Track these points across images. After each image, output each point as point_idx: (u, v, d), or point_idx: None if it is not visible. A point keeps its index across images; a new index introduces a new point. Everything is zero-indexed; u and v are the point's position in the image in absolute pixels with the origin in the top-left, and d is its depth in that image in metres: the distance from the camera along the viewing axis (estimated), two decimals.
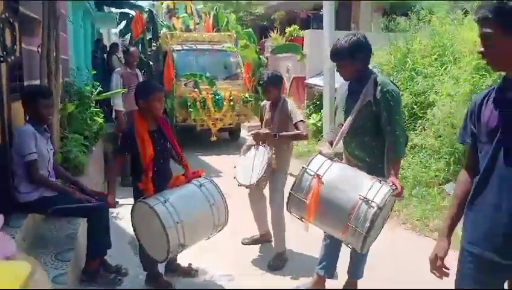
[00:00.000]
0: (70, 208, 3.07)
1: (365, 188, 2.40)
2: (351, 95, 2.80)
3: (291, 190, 2.59)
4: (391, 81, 2.78)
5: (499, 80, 5.26)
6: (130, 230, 4.36)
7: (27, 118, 3.27)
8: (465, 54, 5.77)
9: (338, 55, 2.75)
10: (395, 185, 2.49)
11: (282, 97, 3.79)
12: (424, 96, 5.69)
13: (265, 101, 3.92)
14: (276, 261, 3.68)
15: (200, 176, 3.18)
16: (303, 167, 2.59)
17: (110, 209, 3.46)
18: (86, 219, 3.17)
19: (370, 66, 2.84)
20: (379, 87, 2.66)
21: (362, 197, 2.36)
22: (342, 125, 2.78)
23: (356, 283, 3.14)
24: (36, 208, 3.07)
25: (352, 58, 2.69)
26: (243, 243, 4.11)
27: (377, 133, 2.71)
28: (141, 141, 2.96)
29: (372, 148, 2.75)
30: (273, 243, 3.92)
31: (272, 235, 3.87)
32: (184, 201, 2.91)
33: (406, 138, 2.68)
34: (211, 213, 2.96)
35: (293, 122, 3.58)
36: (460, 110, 5.07)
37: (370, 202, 2.34)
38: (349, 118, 2.73)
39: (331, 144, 2.88)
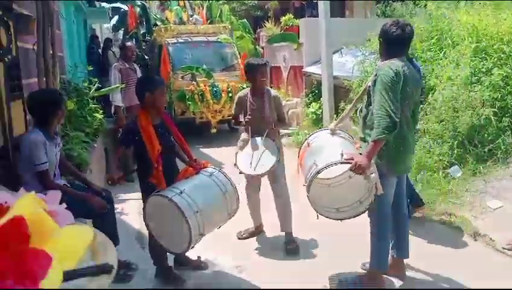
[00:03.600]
0: (76, 208, 3.03)
1: (324, 156, 2.89)
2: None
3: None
4: (391, 68, 2.72)
5: (499, 62, 5.23)
6: (136, 225, 4.40)
7: (32, 123, 3.20)
8: (463, 38, 5.75)
9: None
10: (352, 159, 2.68)
11: None
12: (424, 81, 5.66)
13: (245, 90, 3.94)
14: (292, 244, 3.76)
15: (206, 167, 3.21)
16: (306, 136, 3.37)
17: (115, 205, 3.46)
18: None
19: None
20: (375, 73, 2.81)
21: (314, 162, 2.85)
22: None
23: (375, 273, 3.10)
24: None
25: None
26: (239, 238, 4.08)
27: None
28: (147, 135, 2.96)
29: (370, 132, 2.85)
30: (266, 234, 4.08)
31: (279, 219, 3.90)
32: (199, 191, 2.94)
33: (389, 124, 2.61)
34: (225, 201, 3.02)
35: (280, 112, 3.85)
36: (462, 93, 5.07)
37: (316, 166, 2.81)
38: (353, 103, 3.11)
39: None
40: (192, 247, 2.88)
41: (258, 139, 3.72)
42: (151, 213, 2.96)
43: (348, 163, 2.69)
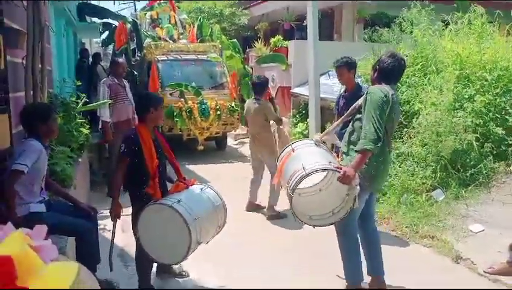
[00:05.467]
0: (59, 226, 3.00)
1: (312, 161, 2.94)
2: None
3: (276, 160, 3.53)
4: (381, 90, 2.95)
5: (481, 89, 5.41)
6: (118, 242, 4.32)
7: (26, 135, 3.16)
8: (447, 65, 5.91)
9: None
10: (340, 168, 2.85)
11: None
12: (409, 105, 5.80)
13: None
14: (271, 211, 5.02)
15: (193, 184, 3.34)
16: (289, 144, 3.39)
17: (98, 221, 3.45)
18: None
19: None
20: (366, 93, 3.05)
21: (302, 166, 2.87)
22: None
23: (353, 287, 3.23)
24: (24, 225, 2.97)
25: None
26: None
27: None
28: (148, 147, 3.10)
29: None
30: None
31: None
32: (194, 201, 3.07)
33: (374, 137, 2.82)
34: (215, 214, 3.17)
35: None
36: (445, 119, 5.19)
37: (305, 168, 2.83)
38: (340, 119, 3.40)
39: None
40: (187, 257, 2.94)
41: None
42: (144, 224, 2.99)
43: (337, 171, 2.84)
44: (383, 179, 3.24)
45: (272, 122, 5.15)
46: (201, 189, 3.26)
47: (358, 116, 3.12)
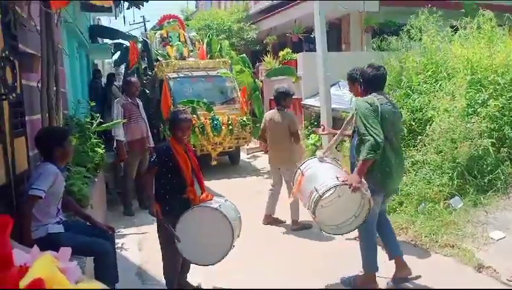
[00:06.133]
0: (77, 246, 3.03)
1: (320, 181, 3.24)
2: None
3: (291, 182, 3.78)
4: (366, 101, 3.31)
5: (494, 94, 5.41)
6: (136, 260, 4.36)
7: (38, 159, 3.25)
8: (458, 70, 5.87)
9: None
10: (346, 180, 3.17)
11: None
12: (421, 113, 5.76)
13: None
14: (296, 225, 5.00)
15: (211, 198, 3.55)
16: (298, 166, 3.73)
17: (115, 240, 3.49)
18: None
19: None
20: (354, 108, 3.45)
21: (314, 188, 3.19)
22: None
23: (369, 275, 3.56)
24: (43, 246, 3.00)
25: None
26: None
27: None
28: (183, 157, 3.38)
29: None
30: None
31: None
32: (226, 208, 3.35)
33: (373, 144, 3.11)
34: (237, 223, 3.44)
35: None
36: (459, 125, 5.13)
37: (317, 190, 3.15)
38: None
39: None
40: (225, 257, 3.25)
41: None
42: (184, 228, 3.21)
43: (345, 184, 3.14)
44: (392, 180, 3.41)
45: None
46: (226, 200, 3.56)
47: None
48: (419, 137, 5.55)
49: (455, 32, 6.81)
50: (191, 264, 3.53)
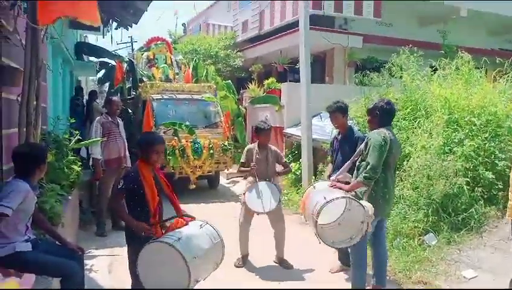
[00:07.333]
0: (44, 266, 2.95)
1: (329, 196, 3.48)
2: None
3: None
4: (380, 135, 3.63)
5: (470, 134, 5.58)
6: (104, 283, 4.22)
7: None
8: (436, 109, 6.04)
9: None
10: (337, 186, 3.72)
11: None
12: (399, 148, 5.86)
13: (253, 144, 4.99)
14: (287, 263, 4.78)
15: (193, 220, 3.28)
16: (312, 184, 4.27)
17: (85, 261, 3.36)
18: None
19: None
20: (367, 139, 3.76)
21: (324, 197, 3.47)
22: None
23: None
24: (9, 264, 2.90)
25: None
26: (237, 266, 4.82)
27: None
28: (150, 185, 3.14)
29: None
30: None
31: (278, 245, 4.86)
32: (193, 239, 3.06)
33: (371, 175, 3.53)
34: (215, 251, 3.17)
35: (282, 161, 4.99)
36: (435, 162, 5.24)
37: (325, 198, 3.43)
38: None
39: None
40: None
41: (263, 182, 4.69)
42: (145, 262, 2.96)
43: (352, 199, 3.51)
44: (389, 205, 3.83)
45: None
46: (201, 225, 3.22)
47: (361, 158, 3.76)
48: (397, 172, 5.62)
49: (434, 72, 7.05)
50: None
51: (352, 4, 11.66)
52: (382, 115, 3.75)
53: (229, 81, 10.36)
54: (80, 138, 5.73)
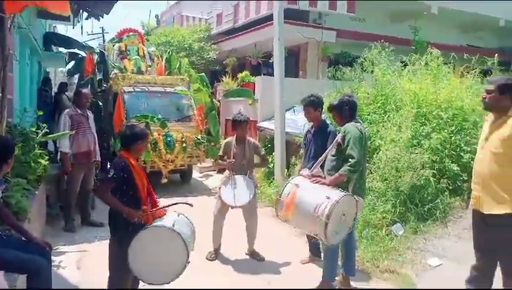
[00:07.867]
0: (9, 262, 2.87)
1: (327, 192, 3.47)
2: None
3: (278, 197, 3.79)
4: (357, 128, 3.75)
5: (437, 127, 5.77)
6: (72, 280, 4.14)
7: None
8: (406, 103, 6.20)
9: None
10: (320, 181, 3.67)
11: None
12: (370, 142, 5.98)
13: (230, 138, 4.96)
14: (258, 255, 4.83)
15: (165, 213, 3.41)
16: (287, 181, 3.89)
17: (53, 257, 3.29)
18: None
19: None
20: (344, 131, 3.80)
21: (327, 196, 3.39)
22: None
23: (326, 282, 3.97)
24: None
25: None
26: (208, 259, 4.81)
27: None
28: (140, 175, 3.26)
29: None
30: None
31: (250, 238, 4.89)
32: (180, 225, 3.24)
33: (355, 166, 3.58)
34: (194, 238, 3.39)
35: (261, 154, 5.01)
36: (403, 155, 5.38)
37: (330, 198, 3.36)
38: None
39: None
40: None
41: (239, 176, 4.70)
42: (137, 248, 3.06)
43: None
44: (365, 193, 4.11)
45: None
46: (178, 214, 3.41)
47: (332, 152, 3.82)
48: (367, 165, 5.74)
49: (405, 67, 7.22)
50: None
51: None
52: (351, 108, 3.86)
53: (203, 74, 10.27)
54: (48, 131, 5.58)
